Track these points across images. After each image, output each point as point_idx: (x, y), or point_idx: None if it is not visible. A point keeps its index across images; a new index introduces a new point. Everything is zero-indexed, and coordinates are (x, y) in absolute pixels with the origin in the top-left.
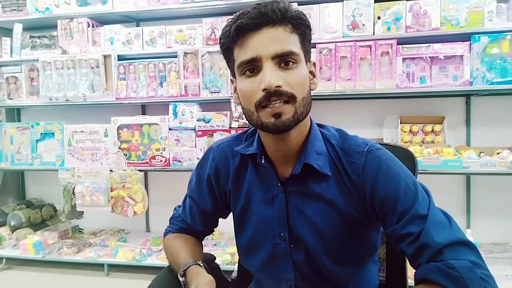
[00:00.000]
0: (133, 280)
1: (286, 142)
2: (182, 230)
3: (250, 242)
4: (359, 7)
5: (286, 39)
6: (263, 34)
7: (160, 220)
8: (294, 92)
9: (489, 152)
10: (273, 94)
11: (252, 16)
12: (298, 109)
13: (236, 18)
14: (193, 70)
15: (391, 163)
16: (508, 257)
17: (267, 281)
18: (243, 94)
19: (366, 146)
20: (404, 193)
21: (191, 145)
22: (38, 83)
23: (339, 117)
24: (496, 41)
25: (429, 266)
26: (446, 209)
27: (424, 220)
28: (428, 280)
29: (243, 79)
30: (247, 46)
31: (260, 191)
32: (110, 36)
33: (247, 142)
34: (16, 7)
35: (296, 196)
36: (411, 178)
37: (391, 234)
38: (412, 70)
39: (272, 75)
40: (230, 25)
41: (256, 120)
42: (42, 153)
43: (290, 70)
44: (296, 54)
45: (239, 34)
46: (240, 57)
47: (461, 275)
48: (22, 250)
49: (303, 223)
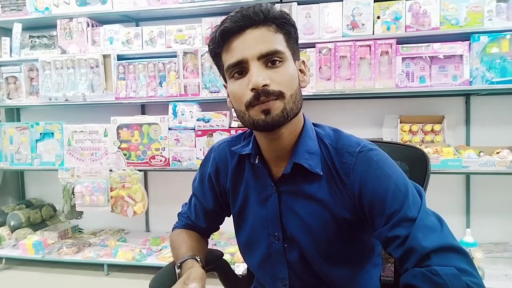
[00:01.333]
0: (133, 280)
1: (278, 141)
2: (187, 226)
3: (248, 240)
4: (359, 7)
5: (271, 39)
6: (247, 35)
7: (160, 220)
8: (282, 89)
9: (488, 151)
10: (262, 94)
11: (235, 19)
12: (287, 105)
13: (221, 23)
14: (192, 70)
15: (382, 164)
16: (508, 257)
17: (265, 279)
18: (234, 96)
19: (358, 147)
20: (393, 195)
21: (190, 145)
22: (38, 83)
23: (339, 116)
24: (496, 40)
25: (413, 272)
26: (446, 209)
27: (413, 223)
28: (411, 286)
29: (232, 81)
30: (233, 49)
31: (255, 190)
32: (110, 36)
33: (244, 142)
34: (16, 7)
35: (288, 196)
36: (403, 180)
37: (378, 237)
38: (412, 69)
39: (258, 74)
40: (215, 31)
41: (248, 120)
42: (41, 153)
43: (277, 69)
44: (282, 52)
45: (224, 39)
46: (227, 61)
47: (445, 282)
48: (22, 250)
49: (295, 222)
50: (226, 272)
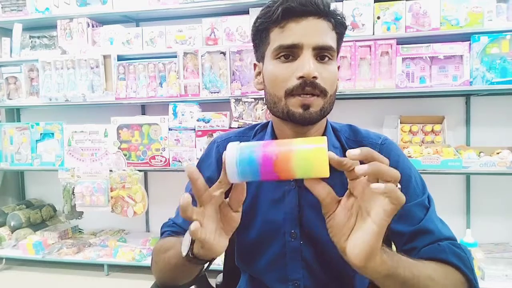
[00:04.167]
0: (133, 280)
1: (305, 136)
2: (174, 234)
3: (255, 241)
4: (359, 7)
5: (328, 34)
6: (310, 22)
7: (160, 220)
8: (327, 87)
9: (489, 152)
10: (308, 85)
11: (302, 1)
12: (326, 104)
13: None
14: (192, 70)
15: (403, 157)
16: (508, 257)
17: (272, 283)
18: (274, 79)
19: (380, 139)
20: (413, 186)
21: (191, 145)
22: (38, 83)
23: (339, 117)
24: (496, 41)
25: (439, 247)
26: (446, 209)
27: (427, 212)
28: (441, 260)
29: (277, 63)
30: (290, 30)
31: (269, 189)
32: (110, 36)
33: (257, 137)
34: (16, 7)
35: (308, 191)
36: (420, 178)
37: None
38: (412, 70)
39: (312, 64)
40: (274, 6)
41: (282, 107)
42: (41, 153)
43: (325, 65)
44: (334, 50)
45: (284, 16)
46: (279, 40)
47: (466, 256)
48: (22, 250)
49: (315, 217)
50: (204, 284)
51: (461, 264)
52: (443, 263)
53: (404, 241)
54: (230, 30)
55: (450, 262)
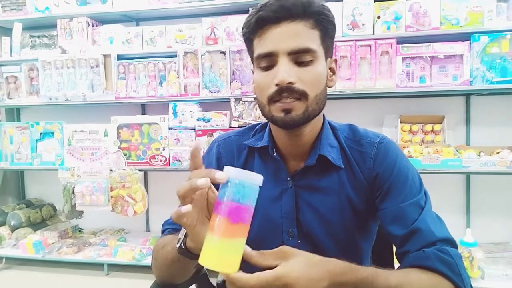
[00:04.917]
0: (133, 280)
1: (299, 137)
2: (174, 232)
3: (253, 241)
4: (359, 7)
5: (305, 35)
6: (283, 28)
7: (160, 220)
8: (307, 89)
9: (489, 151)
10: (285, 90)
11: (273, 8)
12: (310, 106)
13: (258, 9)
14: (192, 70)
15: (402, 156)
16: (508, 257)
17: None
18: (258, 87)
19: (378, 138)
20: (410, 186)
21: (191, 145)
22: (38, 83)
23: (339, 116)
24: (496, 40)
25: (424, 254)
26: (446, 209)
27: (422, 211)
28: (425, 268)
29: (259, 72)
30: (265, 39)
31: (267, 187)
32: (110, 36)
33: (256, 136)
34: (16, 7)
35: (305, 190)
36: (418, 176)
37: (384, 213)
38: (412, 69)
39: (285, 71)
40: (251, 16)
41: (267, 113)
42: (42, 152)
43: (305, 67)
44: (314, 51)
45: (258, 26)
46: (257, 50)
47: (454, 261)
48: (22, 250)
49: (313, 217)
50: (205, 284)
51: (447, 270)
52: (430, 271)
53: (398, 244)
54: (230, 30)
55: (436, 270)
